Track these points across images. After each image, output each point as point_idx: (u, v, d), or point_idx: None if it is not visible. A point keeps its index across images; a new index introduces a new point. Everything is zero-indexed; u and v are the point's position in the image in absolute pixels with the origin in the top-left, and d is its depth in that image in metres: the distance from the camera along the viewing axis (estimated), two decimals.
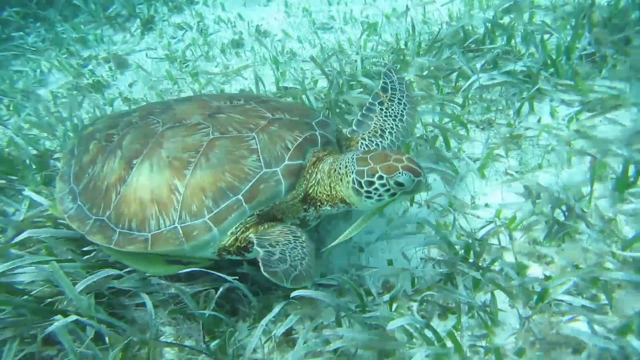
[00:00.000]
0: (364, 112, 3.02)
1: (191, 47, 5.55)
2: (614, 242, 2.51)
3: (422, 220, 2.85)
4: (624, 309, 2.20)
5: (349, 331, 2.20)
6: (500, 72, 3.73)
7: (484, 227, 2.80)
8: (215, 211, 2.30)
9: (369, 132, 2.92)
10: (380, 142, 2.87)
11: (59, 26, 6.20)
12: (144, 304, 2.43)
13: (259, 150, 2.40)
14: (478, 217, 2.91)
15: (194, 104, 2.78)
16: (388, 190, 2.27)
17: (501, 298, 2.38)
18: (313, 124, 2.63)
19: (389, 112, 3.01)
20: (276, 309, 2.32)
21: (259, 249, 2.14)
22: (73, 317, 2.23)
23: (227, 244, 2.36)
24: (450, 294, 2.39)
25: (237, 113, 2.61)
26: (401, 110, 3.02)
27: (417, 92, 3.85)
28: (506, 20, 4.40)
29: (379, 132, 2.91)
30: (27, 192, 3.16)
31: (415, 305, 2.45)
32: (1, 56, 6.05)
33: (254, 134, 2.45)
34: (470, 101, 3.69)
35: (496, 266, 2.53)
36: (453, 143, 3.42)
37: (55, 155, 3.66)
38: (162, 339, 2.41)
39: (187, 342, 2.38)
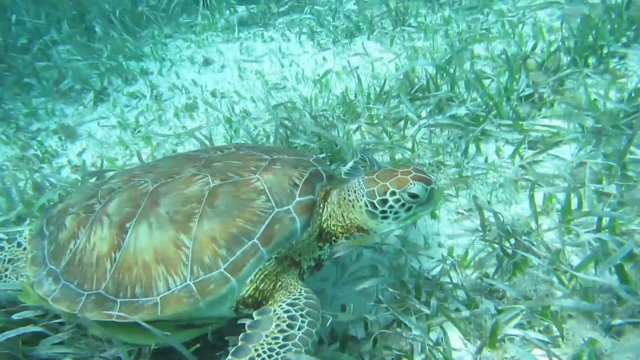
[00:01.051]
0: (348, 169, 3.01)
1: (144, 113, 5.56)
2: (562, 273, 2.48)
3: (375, 262, 2.80)
4: (575, 339, 2.14)
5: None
6: (445, 116, 3.82)
7: (436, 267, 2.75)
8: (231, 260, 2.12)
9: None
10: None
11: (9, 104, 6.13)
12: None
13: (267, 190, 2.27)
14: (431, 257, 2.86)
15: (181, 158, 2.67)
16: (403, 205, 2.19)
17: (454, 337, 2.29)
18: (311, 161, 2.56)
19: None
20: None
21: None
22: None
23: (246, 295, 2.18)
24: (403, 334, 2.29)
25: (233, 159, 2.50)
26: None
27: (368, 139, 3.91)
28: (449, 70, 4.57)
29: None
30: None
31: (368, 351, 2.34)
32: None
33: (257, 175, 2.33)
34: (419, 146, 3.74)
35: (448, 304, 2.45)
36: None
37: None
38: None
39: None
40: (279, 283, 2.22)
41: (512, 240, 2.67)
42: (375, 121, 4.13)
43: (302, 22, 6.73)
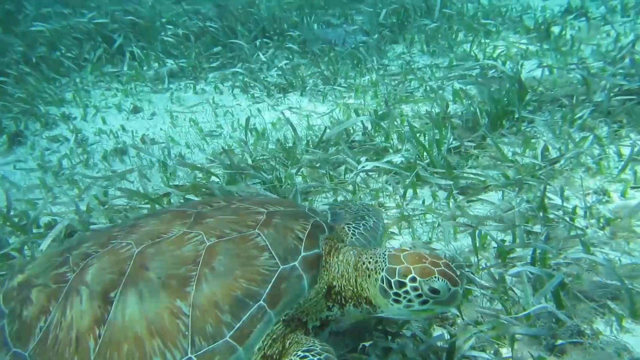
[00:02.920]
0: (330, 214, 2.90)
1: (68, 156, 5.28)
2: (505, 301, 2.65)
3: None
4: (525, 358, 2.27)
5: None
6: (382, 162, 4.04)
7: None
8: (236, 326, 1.91)
9: (349, 219, 2.78)
10: (365, 223, 2.73)
11: None
12: None
13: (269, 246, 2.11)
14: None
15: (166, 215, 2.42)
16: (420, 296, 1.98)
17: None
18: (307, 211, 2.43)
19: (353, 209, 2.95)
20: None
21: None
22: None
23: None
24: None
25: (227, 214, 2.31)
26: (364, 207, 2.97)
27: (310, 182, 4.00)
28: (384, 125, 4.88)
29: (359, 217, 2.79)
30: None
31: None
32: None
33: (257, 230, 2.16)
34: (359, 188, 3.90)
35: (405, 331, 2.51)
36: None
37: None
38: None
39: None
40: (288, 342, 2.06)
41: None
42: (317, 164, 4.26)
43: (234, 77, 6.87)
